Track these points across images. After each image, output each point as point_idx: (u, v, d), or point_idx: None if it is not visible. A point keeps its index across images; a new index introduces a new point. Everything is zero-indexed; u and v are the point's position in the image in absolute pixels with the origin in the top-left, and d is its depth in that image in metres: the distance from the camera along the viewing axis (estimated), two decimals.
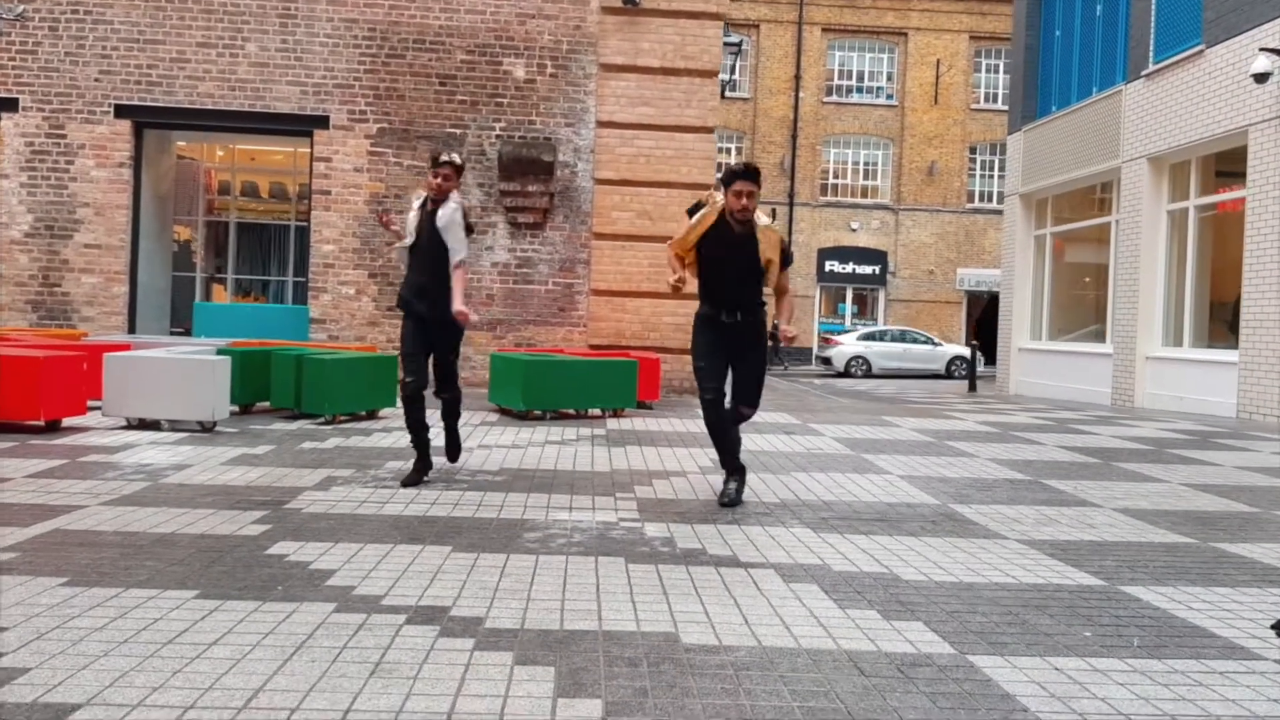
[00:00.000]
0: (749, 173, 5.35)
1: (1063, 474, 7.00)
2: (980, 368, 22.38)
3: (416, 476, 5.79)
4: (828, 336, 29.31)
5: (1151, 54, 14.76)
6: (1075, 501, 5.92)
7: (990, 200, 32.96)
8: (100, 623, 3.08)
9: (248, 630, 3.06)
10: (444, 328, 5.80)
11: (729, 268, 5.42)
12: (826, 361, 28.11)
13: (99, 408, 7.77)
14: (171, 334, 12.31)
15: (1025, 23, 18.55)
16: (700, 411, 5.68)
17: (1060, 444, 8.72)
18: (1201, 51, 13.51)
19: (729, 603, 3.52)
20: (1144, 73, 14.80)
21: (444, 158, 5.79)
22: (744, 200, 5.31)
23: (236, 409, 8.36)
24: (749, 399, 5.63)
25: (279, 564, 3.90)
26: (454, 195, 5.89)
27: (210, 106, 11.66)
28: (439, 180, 5.76)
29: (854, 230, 32.88)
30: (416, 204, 5.90)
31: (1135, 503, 5.94)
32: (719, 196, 5.42)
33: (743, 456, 5.71)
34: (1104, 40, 16.42)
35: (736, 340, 5.51)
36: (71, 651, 2.82)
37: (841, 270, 32.92)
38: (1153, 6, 14.77)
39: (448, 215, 5.80)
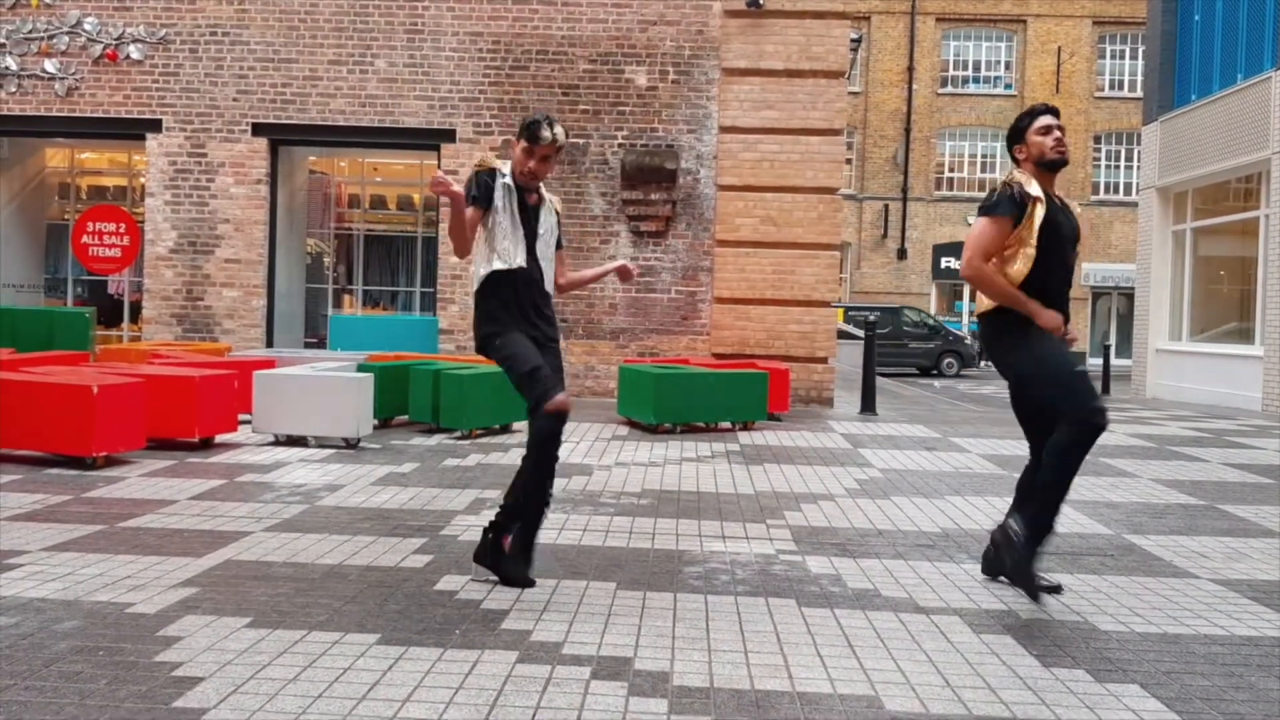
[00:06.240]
0: (1050, 109, 4.27)
1: (1236, 497, 6.57)
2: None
3: None
4: None
5: None
6: (1260, 532, 5.53)
7: (1117, 191, 31.60)
8: (292, 672, 3.08)
9: (437, 684, 3.01)
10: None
11: (1066, 258, 4.23)
12: None
13: (248, 421, 7.99)
14: (306, 345, 12.62)
15: (1161, 8, 17.65)
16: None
17: (1224, 460, 8.22)
18: None
19: (921, 658, 3.34)
20: None
21: (546, 132, 4.08)
22: (1055, 133, 4.17)
23: (377, 423, 8.49)
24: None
25: (450, 602, 3.87)
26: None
27: (342, 123, 11.90)
28: (535, 164, 4.13)
29: (971, 224, 31.91)
30: (502, 180, 4.14)
31: None
32: (1018, 174, 4.27)
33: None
34: (1249, 25, 15.48)
35: None
36: (270, 709, 2.81)
37: (958, 266, 31.95)
38: None
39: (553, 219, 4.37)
